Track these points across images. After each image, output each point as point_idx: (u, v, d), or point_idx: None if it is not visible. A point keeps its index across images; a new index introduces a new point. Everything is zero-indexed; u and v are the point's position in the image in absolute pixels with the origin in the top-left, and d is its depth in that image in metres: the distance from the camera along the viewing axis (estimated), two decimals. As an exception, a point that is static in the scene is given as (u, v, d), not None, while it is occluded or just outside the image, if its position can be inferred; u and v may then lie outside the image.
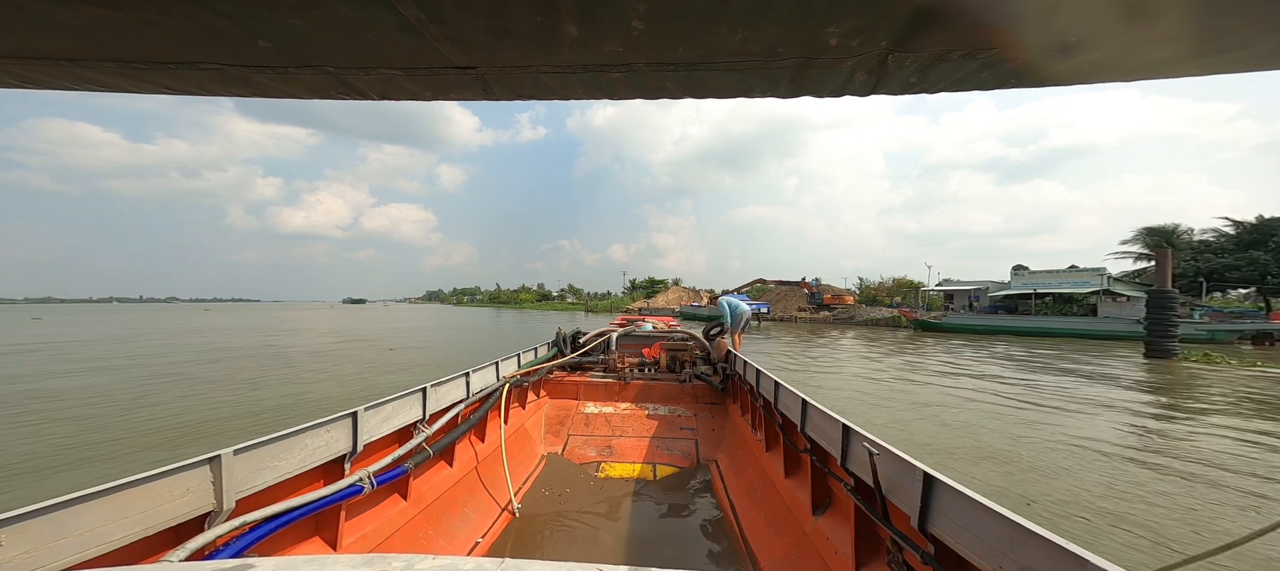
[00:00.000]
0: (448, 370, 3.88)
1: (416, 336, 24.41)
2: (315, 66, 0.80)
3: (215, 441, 3.71)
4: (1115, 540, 3.85)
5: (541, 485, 3.95)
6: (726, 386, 5.35)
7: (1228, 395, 9.77)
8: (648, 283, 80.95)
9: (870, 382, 11.15)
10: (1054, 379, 11.77)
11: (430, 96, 0.90)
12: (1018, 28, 0.67)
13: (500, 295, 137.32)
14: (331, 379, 11.31)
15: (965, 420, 7.60)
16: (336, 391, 9.69)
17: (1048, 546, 1.19)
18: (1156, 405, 8.93)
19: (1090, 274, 31.32)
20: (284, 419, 7.26)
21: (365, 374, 12.04)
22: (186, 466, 1.69)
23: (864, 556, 2.19)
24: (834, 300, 43.51)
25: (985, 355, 16.83)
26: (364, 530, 2.50)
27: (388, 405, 2.78)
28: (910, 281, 45.84)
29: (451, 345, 20.00)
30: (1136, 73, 0.74)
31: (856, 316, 37.81)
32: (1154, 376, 12.47)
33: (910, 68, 0.76)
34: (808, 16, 0.65)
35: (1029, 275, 32.92)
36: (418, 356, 15.98)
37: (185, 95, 0.91)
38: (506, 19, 0.68)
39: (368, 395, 3.34)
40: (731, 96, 0.88)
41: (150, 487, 1.58)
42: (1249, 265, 26.77)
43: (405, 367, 13.18)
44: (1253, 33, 0.64)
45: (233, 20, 0.69)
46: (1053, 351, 18.26)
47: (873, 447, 1.94)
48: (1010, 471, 5.36)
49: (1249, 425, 7.35)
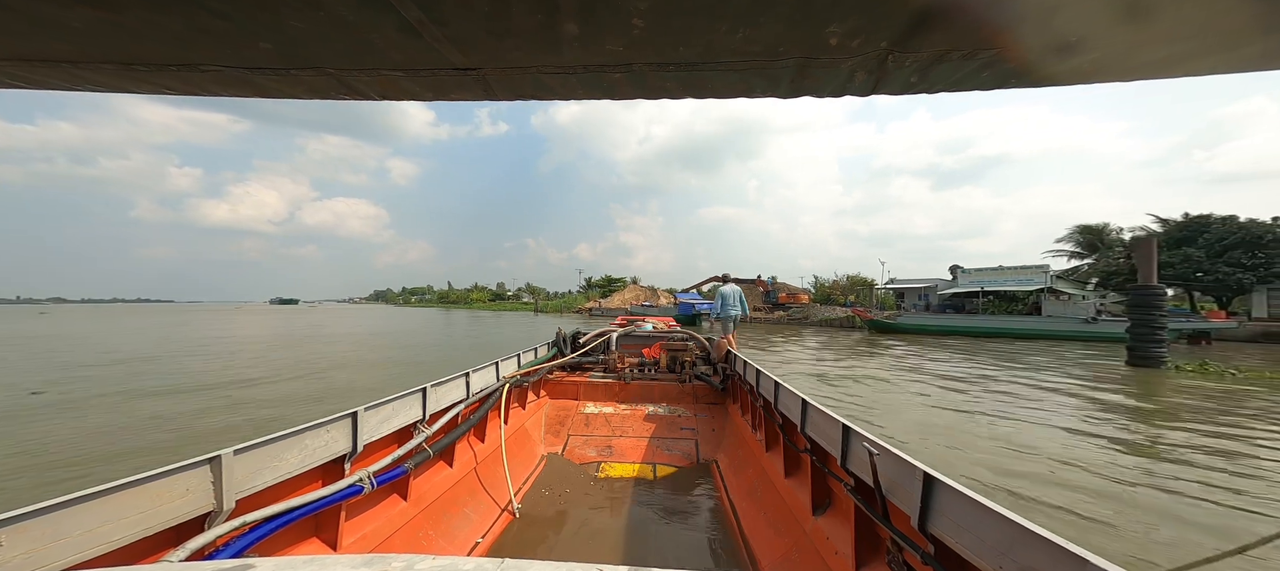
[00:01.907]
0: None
1: (270, 357, 15.71)
2: (316, 68, 0.82)
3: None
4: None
5: (542, 485, 3.97)
6: (726, 386, 5.38)
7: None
8: (604, 281, 78.63)
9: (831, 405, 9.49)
10: (1049, 399, 9.36)
11: (431, 97, 0.91)
12: (1018, 28, 0.68)
13: (451, 294, 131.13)
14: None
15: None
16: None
17: (1048, 547, 1.22)
18: (1199, 445, 6.27)
19: (1034, 271, 31.51)
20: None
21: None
22: (186, 466, 1.70)
23: (864, 556, 2.22)
24: (789, 299, 42.85)
25: (952, 364, 14.40)
26: (364, 530, 2.51)
27: (388, 405, 2.79)
28: (864, 279, 45.94)
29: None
30: (1136, 72, 0.76)
31: (811, 316, 37.23)
32: (1159, 395, 9.85)
33: (910, 68, 0.78)
34: (808, 16, 0.66)
35: (975, 273, 32.96)
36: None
37: (186, 96, 0.92)
38: (507, 19, 0.69)
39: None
40: (732, 96, 0.90)
41: (150, 488, 1.59)
42: (1183, 262, 27.54)
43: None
44: (1252, 32, 0.65)
45: (233, 22, 0.70)
46: (1022, 361, 15.74)
47: (873, 448, 1.99)
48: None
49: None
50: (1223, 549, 0.91)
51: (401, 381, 9.04)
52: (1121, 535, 3.98)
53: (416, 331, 28.78)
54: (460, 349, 19.23)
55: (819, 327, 33.79)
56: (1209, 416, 7.88)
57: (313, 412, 3.38)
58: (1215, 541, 3.88)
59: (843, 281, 47.71)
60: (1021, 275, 30.39)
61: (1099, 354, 17.12)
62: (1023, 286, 28.61)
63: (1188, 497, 4.68)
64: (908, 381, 11.47)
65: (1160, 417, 7.94)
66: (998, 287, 29.69)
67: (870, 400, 9.30)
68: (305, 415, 3.87)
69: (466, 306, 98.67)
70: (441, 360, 15.55)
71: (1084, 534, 4.00)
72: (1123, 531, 4.03)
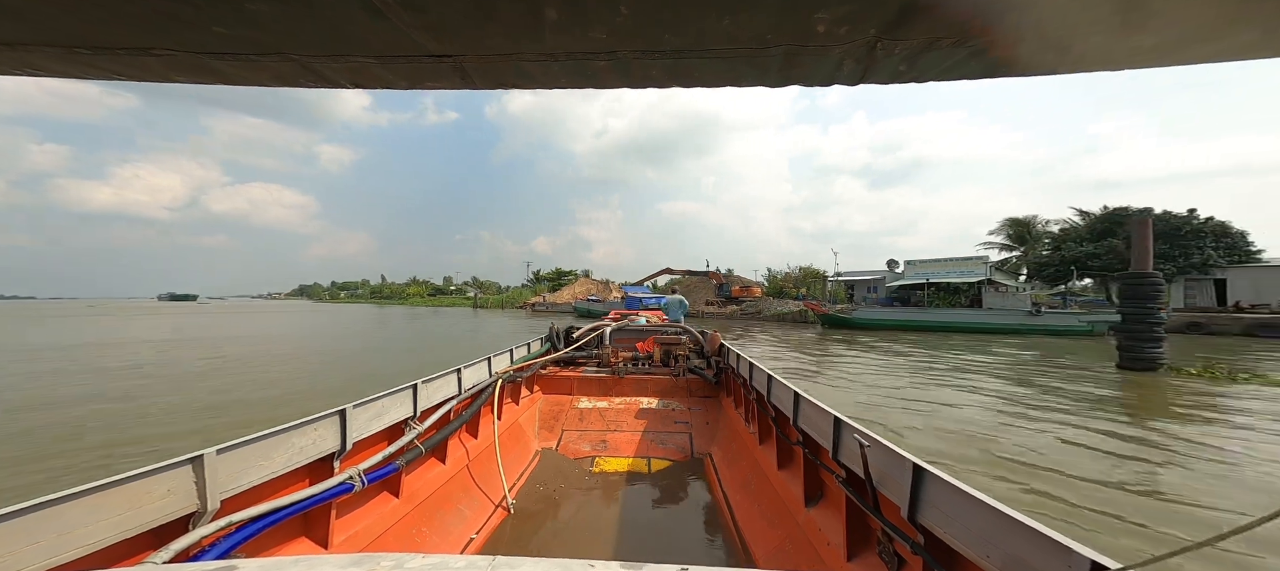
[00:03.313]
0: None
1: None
2: (280, 54, 0.79)
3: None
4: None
5: (536, 480, 3.99)
6: (720, 380, 5.44)
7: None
8: (554, 274, 75.44)
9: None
10: (1059, 426, 7.26)
11: (406, 85, 0.89)
12: (1007, 16, 0.68)
13: (385, 289, 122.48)
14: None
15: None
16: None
17: (1034, 535, 1.24)
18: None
19: (975, 263, 32.41)
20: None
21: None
22: (168, 466, 1.69)
23: (855, 547, 2.25)
24: (742, 292, 42.40)
25: (923, 366, 12.72)
26: (354, 528, 2.50)
27: (377, 402, 2.77)
28: (816, 271, 46.28)
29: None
30: (1124, 61, 0.76)
31: (764, 310, 36.90)
32: (1174, 405, 8.34)
33: (899, 56, 0.78)
34: (797, 3, 0.66)
35: (920, 265, 33.63)
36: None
37: (136, 82, 0.88)
38: (486, 5, 0.68)
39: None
40: (720, 85, 0.89)
41: (129, 488, 1.57)
42: (1108, 253, 29.20)
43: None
44: (1238, 22, 0.66)
45: (190, 4, 0.68)
46: (989, 355, 14.88)
47: (864, 439, 2.01)
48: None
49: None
50: (1199, 539, 0.89)
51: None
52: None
53: (284, 338, 22.25)
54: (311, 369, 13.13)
55: (772, 322, 33.39)
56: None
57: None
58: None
59: (795, 273, 47.85)
60: (963, 267, 31.19)
61: (1079, 355, 15.34)
62: (965, 278, 29.28)
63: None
64: (882, 385, 10.25)
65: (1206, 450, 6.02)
66: (942, 279, 30.25)
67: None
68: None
69: (402, 302, 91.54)
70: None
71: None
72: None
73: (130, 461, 4.85)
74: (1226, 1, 0.62)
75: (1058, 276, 31.81)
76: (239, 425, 7.66)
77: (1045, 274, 33.04)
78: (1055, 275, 32.02)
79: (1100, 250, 29.63)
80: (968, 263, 32.26)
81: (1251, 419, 7.52)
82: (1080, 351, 16.27)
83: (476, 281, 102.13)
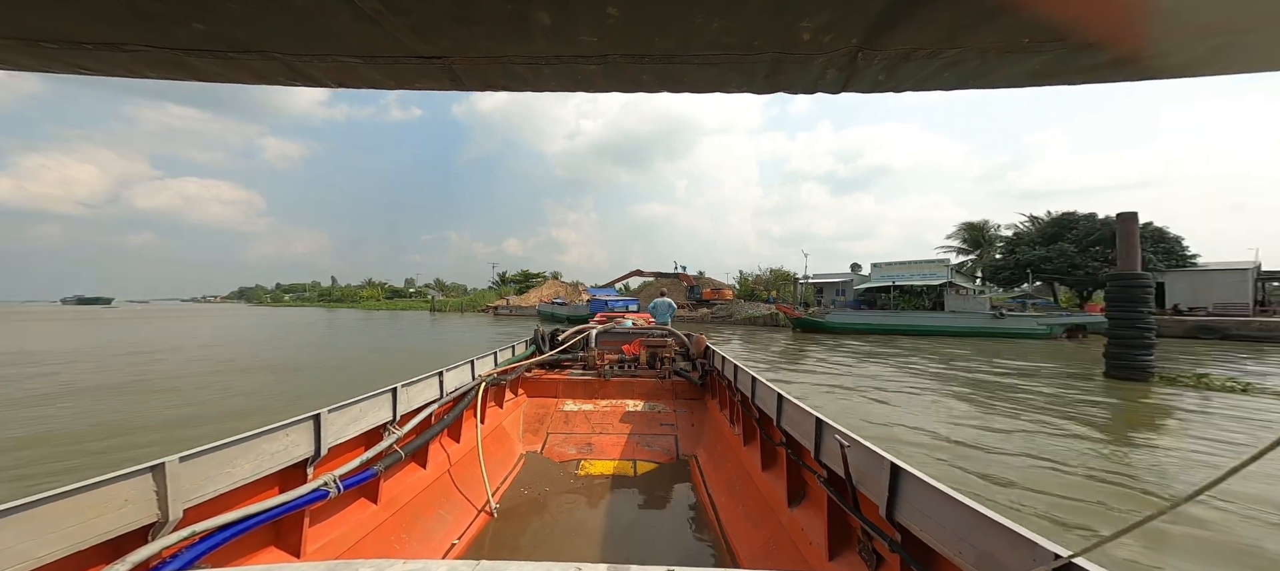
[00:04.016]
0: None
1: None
2: (261, 52, 0.78)
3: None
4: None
5: (520, 484, 3.98)
6: (705, 382, 5.48)
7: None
8: (521, 276, 73.28)
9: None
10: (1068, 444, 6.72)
11: (393, 85, 0.89)
12: (976, 29, 0.71)
13: (335, 291, 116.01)
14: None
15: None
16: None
17: (1002, 531, 1.31)
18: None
19: (937, 265, 33.35)
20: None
21: None
22: (124, 476, 1.64)
23: (836, 546, 2.30)
24: (713, 295, 42.21)
25: (930, 379, 11.73)
26: (330, 536, 2.46)
27: (354, 406, 2.73)
28: (786, 273, 46.72)
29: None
30: (1088, 76, 0.79)
31: (735, 313, 36.84)
32: (1181, 422, 7.73)
33: (878, 66, 0.80)
34: (782, 10, 0.68)
35: (886, 267, 34.32)
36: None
37: (105, 76, 0.85)
38: (474, 7, 0.68)
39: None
40: (708, 90, 0.91)
41: (81, 499, 1.52)
42: (1059, 256, 30.64)
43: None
44: (1189, 38, 0.68)
45: (164, 1, 0.66)
46: (979, 363, 14.25)
47: (844, 439, 2.06)
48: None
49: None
50: (1151, 512, 0.96)
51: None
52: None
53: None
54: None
55: (742, 325, 33.31)
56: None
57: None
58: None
59: (766, 275, 48.18)
60: (926, 270, 32.03)
61: (1057, 359, 15.03)
62: (928, 281, 30.02)
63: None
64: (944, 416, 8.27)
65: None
66: (907, 282, 30.92)
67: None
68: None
69: (356, 305, 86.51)
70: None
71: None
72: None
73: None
74: (1183, 19, 0.65)
75: (1012, 279, 33.22)
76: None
77: (1001, 277, 34.47)
78: (1010, 278, 33.43)
79: (1052, 253, 31.07)
80: (929, 266, 33.13)
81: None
82: (1053, 355, 16.45)
83: (440, 284, 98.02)
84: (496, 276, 78.75)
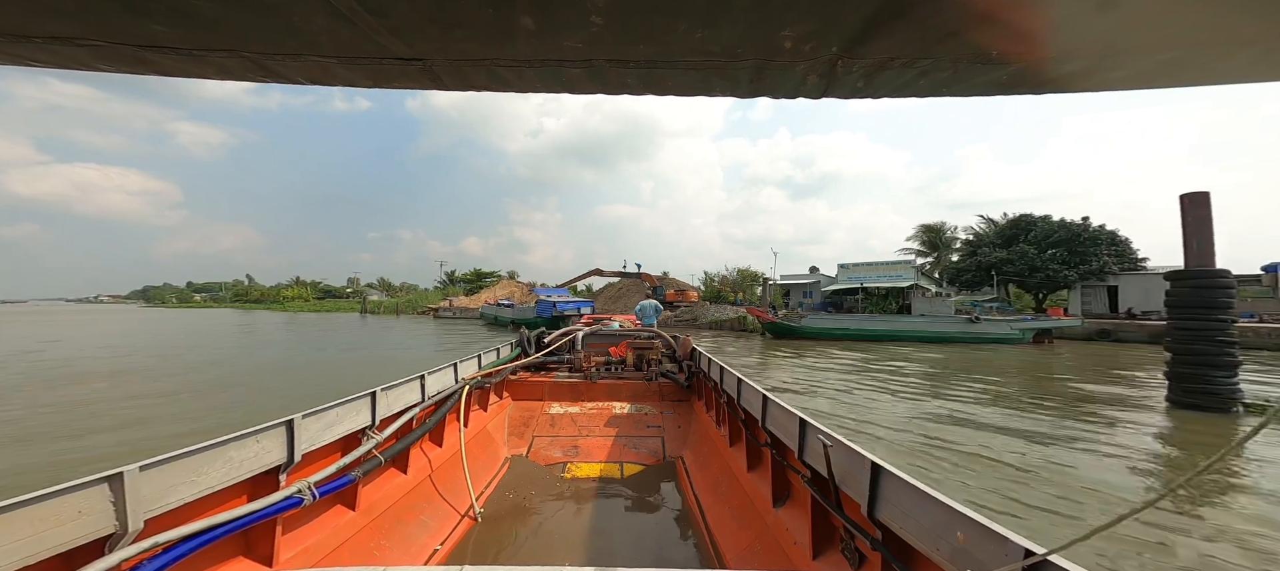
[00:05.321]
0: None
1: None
2: (229, 49, 0.77)
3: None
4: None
5: (505, 488, 3.99)
6: (692, 384, 5.55)
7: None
8: (473, 275, 68.77)
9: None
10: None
11: (371, 84, 0.88)
12: (950, 41, 0.73)
13: (253, 291, 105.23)
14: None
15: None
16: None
17: (977, 527, 1.36)
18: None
19: (903, 267, 33.05)
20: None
21: None
22: (79, 485, 1.60)
23: (820, 545, 2.35)
24: (678, 296, 40.44)
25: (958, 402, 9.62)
26: (304, 544, 2.43)
27: (330, 411, 2.69)
28: (753, 273, 45.68)
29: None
30: (1055, 85, 0.82)
31: (701, 317, 35.29)
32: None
33: (857, 73, 0.82)
34: (765, 17, 0.69)
35: (853, 268, 33.74)
36: None
37: (60, 70, 0.83)
38: (455, 10, 0.68)
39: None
40: (692, 94, 0.92)
41: (31, 511, 1.47)
42: (1020, 258, 30.99)
43: None
44: (1155, 48, 0.71)
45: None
46: (994, 377, 12.94)
47: (827, 439, 2.12)
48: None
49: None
50: (1123, 511, 1.01)
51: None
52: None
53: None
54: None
55: (709, 330, 31.64)
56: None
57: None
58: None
59: (733, 276, 46.92)
60: (893, 272, 31.63)
61: (1063, 369, 13.66)
62: (896, 283, 29.55)
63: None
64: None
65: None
66: (876, 284, 30.34)
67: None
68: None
69: (278, 307, 78.21)
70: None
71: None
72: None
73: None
74: (1146, 30, 0.68)
75: (975, 282, 33.49)
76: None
77: (963, 279, 34.72)
78: (972, 280, 33.71)
79: (1013, 255, 31.42)
80: (896, 267, 32.88)
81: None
82: (1049, 363, 15.68)
83: (386, 283, 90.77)
84: (444, 275, 73.61)
